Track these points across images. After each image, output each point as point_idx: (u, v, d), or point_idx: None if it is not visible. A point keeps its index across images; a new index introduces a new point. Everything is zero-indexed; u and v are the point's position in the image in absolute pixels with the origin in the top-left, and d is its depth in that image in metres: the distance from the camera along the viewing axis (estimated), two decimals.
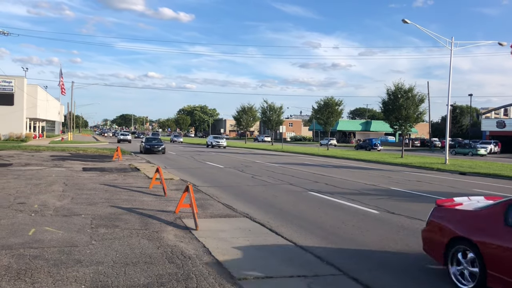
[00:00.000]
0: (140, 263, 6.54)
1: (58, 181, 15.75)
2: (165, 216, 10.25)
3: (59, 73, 54.20)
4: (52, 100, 77.12)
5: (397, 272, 6.73)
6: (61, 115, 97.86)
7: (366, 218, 10.89)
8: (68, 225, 8.88)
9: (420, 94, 38.24)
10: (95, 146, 45.63)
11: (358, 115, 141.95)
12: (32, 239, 7.73)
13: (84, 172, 19.28)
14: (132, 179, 17.29)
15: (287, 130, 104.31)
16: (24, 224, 8.87)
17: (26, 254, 6.77)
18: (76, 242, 7.62)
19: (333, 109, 53.89)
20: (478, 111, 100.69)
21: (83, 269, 6.18)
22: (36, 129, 71.89)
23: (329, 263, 7.05)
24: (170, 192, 13.82)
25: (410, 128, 39.66)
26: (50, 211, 10.32)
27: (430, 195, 15.34)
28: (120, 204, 11.62)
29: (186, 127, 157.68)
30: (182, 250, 7.34)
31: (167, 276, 6.00)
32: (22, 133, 52.64)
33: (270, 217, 10.71)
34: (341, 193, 15.07)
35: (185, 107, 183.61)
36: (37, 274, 5.90)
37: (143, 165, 24.01)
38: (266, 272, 6.40)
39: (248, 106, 75.93)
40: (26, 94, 53.91)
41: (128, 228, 8.86)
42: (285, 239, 8.58)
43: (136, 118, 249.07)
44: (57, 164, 23.00)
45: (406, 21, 30.61)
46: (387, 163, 32.58)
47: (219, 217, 10.50)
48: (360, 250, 7.98)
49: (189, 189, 10.05)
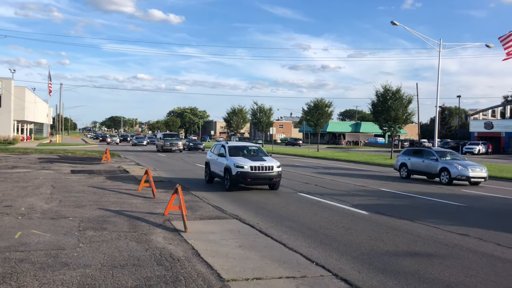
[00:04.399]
0: (128, 266, 6.48)
1: (45, 184, 15.58)
2: (154, 218, 10.18)
3: (47, 76, 53.52)
4: (40, 102, 76.34)
5: (386, 272, 6.74)
6: (49, 117, 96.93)
7: (355, 219, 10.92)
8: (55, 228, 8.78)
9: (408, 95, 38.58)
10: (84, 149, 45.26)
11: (348, 116, 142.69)
12: (19, 242, 7.62)
13: (73, 175, 19.09)
14: (121, 181, 17.17)
15: (277, 132, 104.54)
16: (10, 227, 8.75)
17: (12, 258, 6.67)
18: (63, 245, 7.53)
19: (323, 110, 54.15)
20: (466, 112, 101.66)
21: (70, 272, 6.11)
22: (24, 132, 71.20)
23: (318, 264, 7.05)
24: (159, 194, 13.74)
25: (399, 129, 39.96)
26: (37, 214, 10.20)
27: (419, 196, 15.45)
28: (108, 206, 11.52)
29: (176, 129, 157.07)
30: (171, 252, 7.29)
31: (155, 279, 5.96)
32: (10, 136, 52.02)
33: (259, 219, 10.69)
34: (331, 194, 15.10)
35: (175, 109, 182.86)
36: (23, 277, 5.82)
37: (132, 167, 23.85)
38: (255, 274, 6.38)
39: (238, 108, 75.78)
40: (14, 96, 53.31)
41: (116, 230, 8.79)
42: (275, 240, 8.56)
43: (125, 120, 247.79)
44: (45, 166, 22.76)
45: (395, 23, 30.85)
46: (377, 164, 32.78)
47: (208, 219, 10.45)
48: (350, 250, 7.99)
49: (178, 191, 10.00)
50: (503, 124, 60.65)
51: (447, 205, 13.68)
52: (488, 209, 13.21)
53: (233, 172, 14.90)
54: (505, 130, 59.35)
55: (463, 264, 7.25)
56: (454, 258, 7.60)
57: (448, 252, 7.97)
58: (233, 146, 16.92)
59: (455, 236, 9.22)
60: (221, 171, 16.15)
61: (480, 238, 9.12)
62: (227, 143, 17.20)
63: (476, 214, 12.29)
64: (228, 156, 15.92)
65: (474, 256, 7.74)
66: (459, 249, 8.23)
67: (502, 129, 59.96)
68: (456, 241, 8.83)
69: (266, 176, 15.11)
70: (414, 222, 10.59)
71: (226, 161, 15.73)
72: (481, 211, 12.70)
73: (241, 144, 18.32)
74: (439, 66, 32.12)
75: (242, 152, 16.82)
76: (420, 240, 8.84)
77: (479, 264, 7.25)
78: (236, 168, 14.89)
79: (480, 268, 7.02)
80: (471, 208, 13.14)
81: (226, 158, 15.91)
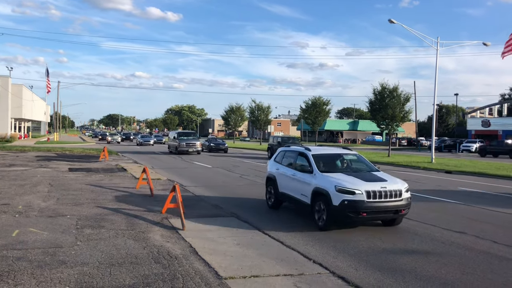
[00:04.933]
0: (125, 264, 6.49)
1: (43, 182, 15.55)
2: (151, 216, 10.18)
3: (45, 73, 53.32)
4: (38, 100, 76.11)
5: (383, 270, 6.76)
6: (47, 115, 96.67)
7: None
8: (53, 226, 8.78)
9: (406, 93, 38.59)
10: (82, 147, 45.18)
11: (345, 114, 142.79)
12: (16, 240, 7.62)
13: (70, 173, 19.07)
14: (118, 179, 17.15)
15: (275, 130, 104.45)
16: (7, 225, 8.74)
17: (9, 256, 6.67)
18: (61, 243, 7.53)
19: (321, 108, 54.32)
20: (463, 110, 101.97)
21: (67, 270, 6.11)
22: (21, 130, 71.03)
23: (316, 261, 7.07)
24: (157, 192, 13.74)
25: (396, 127, 39.95)
26: (35, 212, 10.19)
27: (416, 194, 15.47)
28: (106, 204, 11.52)
29: (174, 127, 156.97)
30: (168, 250, 7.30)
31: (153, 276, 5.96)
32: (7, 134, 51.88)
33: (257, 217, 10.70)
34: None
35: (173, 107, 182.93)
36: (20, 275, 5.82)
37: (130, 165, 23.84)
38: (253, 271, 6.39)
39: (236, 106, 75.81)
40: (11, 94, 53.16)
41: (114, 228, 8.79)
42: (273, 238, 8.58)
43: (123, 118, 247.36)
44: (42, 164, 22.72)
45: (393, 21, 30.84)
46: (374, 162, 32.73)
47: (206, 217, 10.46)
48: (347, 248, 8.01)
49: (176, 189, 10.00)
50: (500, 122, 60.87)
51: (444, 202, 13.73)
52: None
53: (334, 200, 9.03)
54: (502, 128, 59.56)
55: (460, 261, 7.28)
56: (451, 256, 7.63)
57: (445, 250, 8.00)
58: (321, 155, 10.78)
59: (452, 234, 9.25)
60: (303, 195, 10.17)
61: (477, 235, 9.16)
62: (309, 149, 10.96)
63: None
64: (316, 171, 9.99)
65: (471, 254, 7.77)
66: (456, 246, 8.26)
67: (499, 127, 60.18)
68: (453, 238, 8.87)
69: (392, 208, 9.19)
70: (411, 220, 10.61)
71: (314, 179, 9.86)
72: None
73: (332, 151, 11.50)
74: (436, 64, 32.17)
75: (336, 164, 10.96)
76: (417, 238, 8.88)
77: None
78: (340, 194, 9.00)
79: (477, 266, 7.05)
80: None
81: (313, 175, 9.95)
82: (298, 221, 10.36)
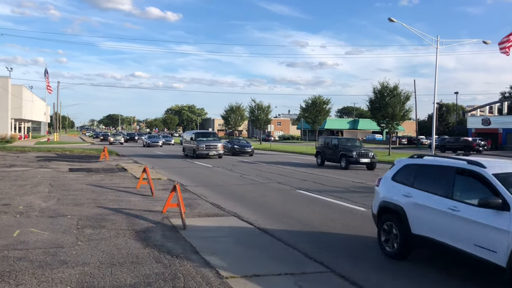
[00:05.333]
0: (126, 263, 6.48)
1: (43, 182, 15.55)
2: (152, 216, 10.18)
3: (43, 73, 53.26)
4: (38, 101, 76.14)
5: (387, 269, 6.76)
6: (47, 115, 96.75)
7: (354, 216, 10.95)
8: (53, 226, 8.77)
9: (406, 92, 38.61)
10: (82, 147, 45.20)
11: (346, 113, 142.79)
12: (17, 240, 7.62)
13: (71, 173, 19.07)
14: (119, 180, 17.15)
15: (275, 129, 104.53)
16: (8, 225, 8.74)
17: (10, 256, 6.67)
18: (61, 243, 7.53)
19: (321, 108, 54.27)
20: (464, 108, 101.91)
21: (68, 270, 6.11)
22: (21, 130, 71.08)
23: (317, 260, 7.07)
24: (157, 192, 13.73)
25: (396, 126, 39.97)
26: (36, 212, 10.19)
27: None
28: (106, 204, 11.51)
29: (174, 126, 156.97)
30: (169, 250, 7.29)
31: (154, 276, 5.96)
32: (7, 134, 51.91)
33: (258, 216, 10.70)
34: (329, 191, 15.12)
35: (172, 107, 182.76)
36: (21, 275, 5.82)
37: (130, 165, 23.84)
38: (254, 271, 6.39)
39: (236, 105, 75.71)
40: (11, 95, 53.18)
41: (114, 228, 8.79)
42: (273, 237, 8.57)
43: (123, 118, 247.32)
44: (43, 165, 22.72)
45: (392, 19, 30.82)
46: None
47: (207, 216, 10.46)
48: (349, 247, 8.01)
49: (176, 189, 10.00)
50: (501, 120, 60.76)
51: None
52: None
53: None
54: (503, 126, 59.47)
55: None
56: None
57: None
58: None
59: None
60: (481, 247, 5.77)
61: None
62: (482, 165, 6.26)
63: None
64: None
65: None
66: None
67: (500, 125, 60.08)
68: None
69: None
70: None
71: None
72: None
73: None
74: (436, 63, 32.14)
75: None
76: None
77: None
78: None
79: None
80: None
81: (509, 213, 5.49)
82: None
